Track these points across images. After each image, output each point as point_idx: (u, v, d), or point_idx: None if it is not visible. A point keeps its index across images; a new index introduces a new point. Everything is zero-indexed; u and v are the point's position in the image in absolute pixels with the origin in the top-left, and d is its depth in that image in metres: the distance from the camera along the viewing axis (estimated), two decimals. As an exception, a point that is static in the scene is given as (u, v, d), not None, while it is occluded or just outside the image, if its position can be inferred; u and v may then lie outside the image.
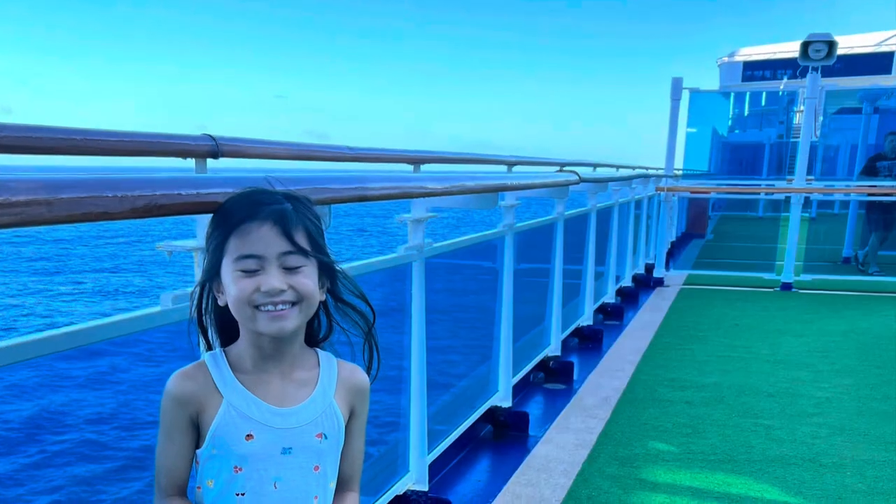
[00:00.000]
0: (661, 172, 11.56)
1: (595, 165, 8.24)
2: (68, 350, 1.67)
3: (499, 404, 4.79)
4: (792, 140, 20.87)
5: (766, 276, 10.73)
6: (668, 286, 10.46)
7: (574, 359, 6.15)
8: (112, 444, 5.40)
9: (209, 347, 1.60)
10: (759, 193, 15.95)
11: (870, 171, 11.71)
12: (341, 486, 1.66)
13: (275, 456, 1.50)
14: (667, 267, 11.25)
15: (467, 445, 4.43)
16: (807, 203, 11.28)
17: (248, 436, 1.48)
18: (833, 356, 6.54)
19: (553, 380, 5.83)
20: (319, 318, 1.63)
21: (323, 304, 1.60)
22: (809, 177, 12.07)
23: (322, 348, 1.66)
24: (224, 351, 1.56)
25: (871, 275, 11.09)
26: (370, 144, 3.63)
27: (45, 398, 5.66)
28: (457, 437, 4.23)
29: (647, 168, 11.57)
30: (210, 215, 1.56)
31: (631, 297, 9.41)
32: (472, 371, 4.85)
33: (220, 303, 1.52)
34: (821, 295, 9.82)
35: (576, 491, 3.83)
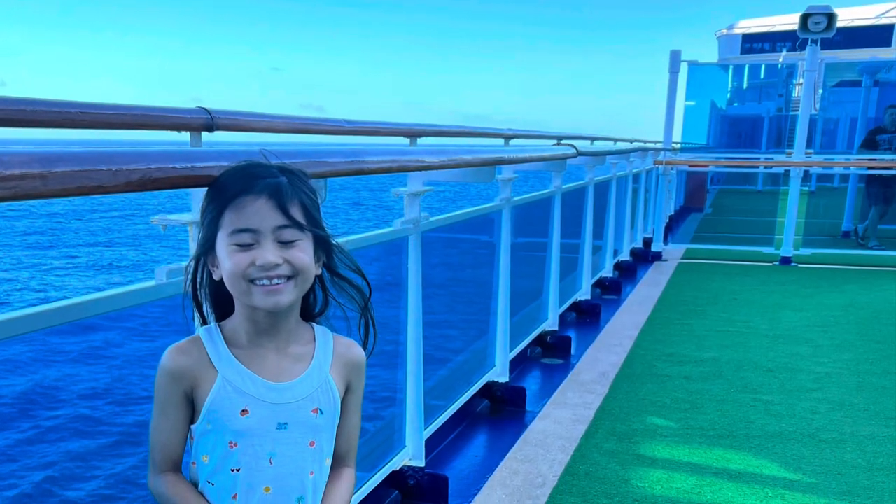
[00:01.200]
0: (659, 146, 11.49)
1: (593, 139, 8.18)
2: (62, 325, 1.67)
3: (496, 379, 4.77)
4: (791, 113, 20.75)
5: (766, 250, 10.69)
6: (666, 260, 10.43)
7: (571, 333, 6.11)
8: (106, 419, 5.36)
9: (204, 322, 1.59)
10: (758, 167, 15.89)
11: (869, 144, 11.68)
12: (337, 462, 1.66)
13: (270, 431, 1.49)
14: (665, 241, 11.22)
15: (464, 421, 4.40)
16: (806, 176, 11.22)
17: (243, 411, 1.48)
18: (833, 331, 6.51)
19: (550, 355, 5.80)
20: (315, 293, 1.62)
21: (319, 278, 1.59)
22: (809, 150, 12.00)
23: (318, 323, 1.65)
24: (219, 325, 1.55)
25: (871, 249, 11.07)
26: (367, 118, 3.60)
27: (38, 373, 5.62)
28: (453, 412, 4.21)
29: (645, 141, 11.51)
30: (205, 189, 1.55)
31: (629, 272, 9.38)
32: (469, 346, 4.82)
33: (215, 277, 1.51)
34: (820, 269, 9.78)
35: (573, 466, 3.81)
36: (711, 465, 3.88)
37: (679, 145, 13.92)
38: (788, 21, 31.56)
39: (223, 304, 1.56)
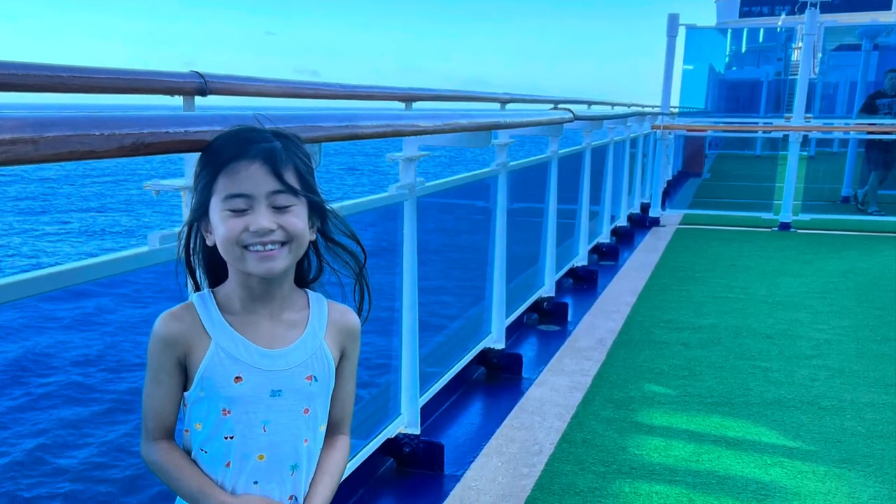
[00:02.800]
0: (657, 110, 11.42)
1: (590, 103, 8.11)
2: (54, 291, 1.66)
3: (492, 346, 4.73)
4: (790, 77, 20.63)
5: (764, 215, 10.66)
6: (663, 226, 10.39)
7: (568, 300, 6.07)
8: (98, 386, 5.37)
9: (197, 288, 1.59)
10: (756, 132, 15.82)
11: (869, 108, 11.61)
12: (332, 429, 1.65)
13: (264, 398, 1.49)
14: (663, 206, 11.17)
15: (460, 388, 4.37)
16: (805, 141, 11.15)
17: (236, 378, 1.47)
18: (832, 297, 6.48)
19: (547, 321, 5.77)
20: (309, 259, 1.61)
21: (313, 244, 1.58)
22: (808, 115, 11.93)
23: (312, 289, 1.64)
24: (212, 292, 1.55)
25: (871, 214, 11.05)
26: (361, 82, 3.56)
27: (30, 340, 5.61)
28: (449, 379, 4.18)
29: (643, 106, 11.43)
30: (198, 154, 1.54)
31: (626, 237, 9.33)
32: (465, 312, 4.79)
33: (209, 243, 1.51)
34: (819, 235, 9.75)
35: (570, 434, 3.78)
36: (709, 432, 3.85)
37: (677, 110, 13.83)
38: (788, -16, 31.24)
39: (217, 270, 1.55)
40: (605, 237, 8.53)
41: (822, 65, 17.32)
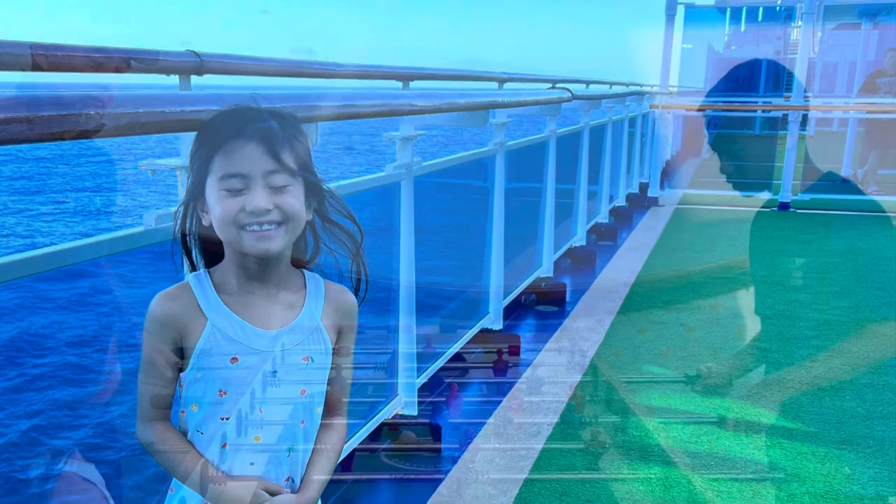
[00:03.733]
0: (655, 89, 11.37)
1: (588, 82, 8.07)
2: (49, 271, 1.67)
3: (489, 327, 4.71)
4: (789, 56, 20.55)
5: (764, 195, 10.62)
6: (662, 206, 10.37)
7: (566, 280, 6.06)
8: (94, 367, 5.36)
9: (193, 268, 1.57)
10: (755, 111, 15.76)
11: (869, 88, 11.54)
12: (328, 411, 1.63)
13: (260, 379, 1.48)
14: (661, 186, 11.14)
15: (457, 369, 4.34)
16: (805, 121, 11.10)
17: (232, 359, 1.47)
18: (831, 277, 6.47)
19: (545, 302, 5.74)
20: (306, 239, 1.60)
21: (310, 224, 1.56)
22: (807, 94, 11.88)
23: (309, 269, 1.63)
24: (208, 272, 1.53)
25: (871, 194, 11.01)
26: (358, 61, 3.56)
27: (25, 320, 5.60)
28: (446, 360, 4.15)
29: (641, 85, 11.38)
30: (194, 133, 1.52)
31: (625, 217, 9.31)
32: (462, 293, 4.76)
33: (205, 223, 1.49)
34: (819, 215, 9.74)
35: (568, 415, 3.77)
36: (708, 413, 3.84)
37: (676, 89, 13.77)
38: (788, -38, 31.02)
39: (213, 251, 1.54)
40: (603, 217, 8.51)
41: (822, 44, 17.25)
